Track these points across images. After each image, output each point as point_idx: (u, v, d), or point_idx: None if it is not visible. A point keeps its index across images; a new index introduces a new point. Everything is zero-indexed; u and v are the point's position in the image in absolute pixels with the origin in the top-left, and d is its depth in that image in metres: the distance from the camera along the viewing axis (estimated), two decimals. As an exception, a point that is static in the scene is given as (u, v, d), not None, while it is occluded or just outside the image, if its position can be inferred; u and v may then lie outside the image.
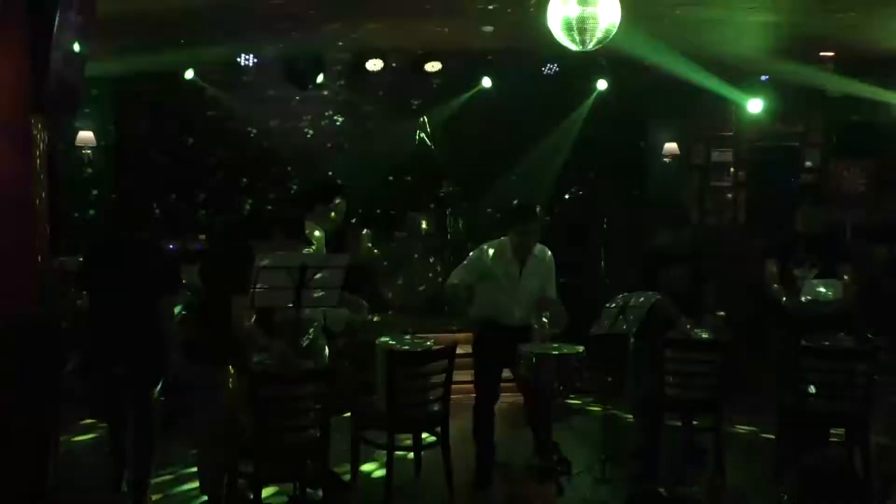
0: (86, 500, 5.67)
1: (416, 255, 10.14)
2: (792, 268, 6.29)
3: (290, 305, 4.88)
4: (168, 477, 6.09)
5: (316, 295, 4.93)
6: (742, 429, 7.24)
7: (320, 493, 5.41)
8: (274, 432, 4.99)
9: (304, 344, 5.42)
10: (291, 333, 5.11)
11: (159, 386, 5.54)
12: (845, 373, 5.77)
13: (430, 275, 10.16)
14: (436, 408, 5.77)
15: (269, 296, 4.81)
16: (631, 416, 6.95)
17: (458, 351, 5.84)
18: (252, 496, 5.13)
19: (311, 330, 5.54)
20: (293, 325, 5.07)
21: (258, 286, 4.72)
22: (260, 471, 5.06)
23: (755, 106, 11.52)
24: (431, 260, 10.25)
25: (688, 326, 6.05)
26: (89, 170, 10.04)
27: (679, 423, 6.32)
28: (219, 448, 5.05)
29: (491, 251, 6.01)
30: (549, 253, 6.12)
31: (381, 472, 6.10)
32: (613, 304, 5.72)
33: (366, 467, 6.29)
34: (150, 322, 5.36)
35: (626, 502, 5.22)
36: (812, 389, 5.74)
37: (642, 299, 5.78)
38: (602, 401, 6.37)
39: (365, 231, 9.92)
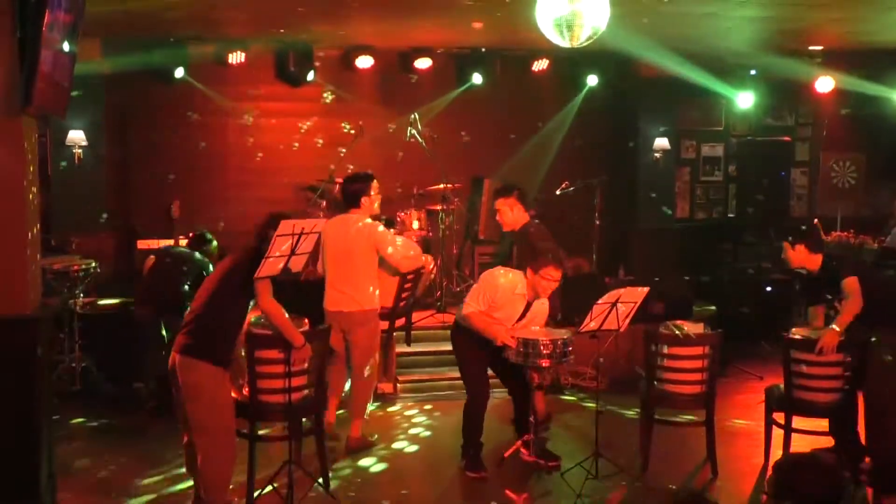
0: (79, 495, 5.66)
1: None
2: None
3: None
4: (158, 478, 6.08)
5: (297, 260, 5.13)
6: (739, 422, 7.28)
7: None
8: (271, 392, 5.33)
9: None
10: None
11: None
12: (828, 364, 5.86)
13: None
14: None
15: (274, 265, 4.96)
16: (625, 412, 7.02)
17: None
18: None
19: None
20: None
21: (271, 255, 4.88)
22: (255, 430, 5.39)
23: (745, 100, 11.55)
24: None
25: (676, 322, 6.11)
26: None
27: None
28: (225, 440, 5.09)
29: (504, 283, 5.93)
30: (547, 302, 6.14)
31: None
32: (604, 301, 5.73)
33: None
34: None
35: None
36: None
37: (634, 295, 5.80)
38: (595, 397, 6.39)
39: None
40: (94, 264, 8.12)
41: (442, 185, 9.57)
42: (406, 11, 8.49)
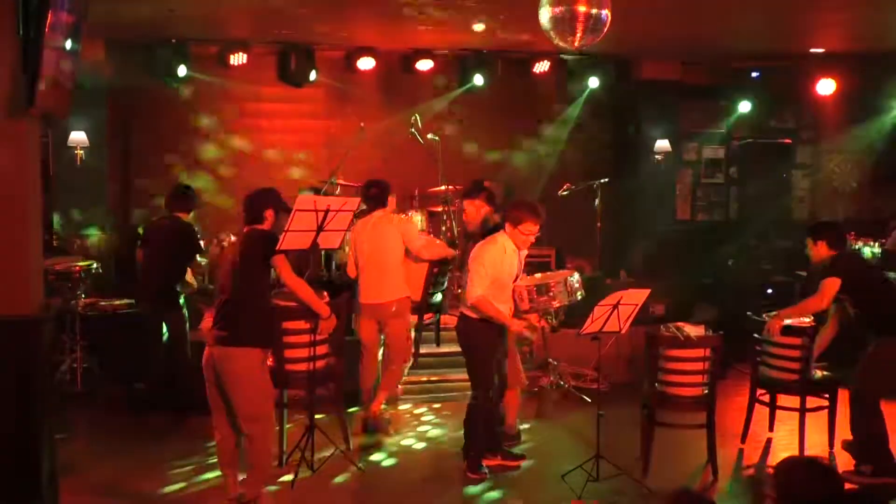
0: (81, 496, 5.66)
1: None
2: None
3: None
4: (160, 478, 6.08)
5: (327, 237, 5.42)
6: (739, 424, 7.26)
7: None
8: (296, 361, 5.83)
9: None
10: None
11: None
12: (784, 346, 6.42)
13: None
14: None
15: (296, 239, 5.17)
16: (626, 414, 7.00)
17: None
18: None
19: None
20: None
21: (291, 229, 5.07)
22: (282, 398, 5.91)
23: (746, 103, 11.54)
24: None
25: (678, 324, 6.12)
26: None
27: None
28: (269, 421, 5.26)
29: (493, 249, 5.91)
30: None
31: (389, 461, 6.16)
32: (605, 303, 5.73)
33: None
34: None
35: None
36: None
37: (635, 297, 5.80)
38: (596, 399, 6.39)
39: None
40: (95, 265, 8.12)
41: (443, 187, 9.57)
42: (408, 11, 8.50)
